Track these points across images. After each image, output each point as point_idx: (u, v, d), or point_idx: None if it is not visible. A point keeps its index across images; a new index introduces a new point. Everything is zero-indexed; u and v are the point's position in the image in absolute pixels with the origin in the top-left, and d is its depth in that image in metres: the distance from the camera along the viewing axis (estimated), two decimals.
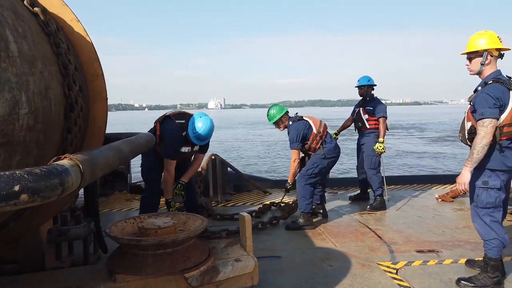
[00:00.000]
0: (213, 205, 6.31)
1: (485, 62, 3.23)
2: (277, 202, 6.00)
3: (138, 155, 2.99)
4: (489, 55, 3.23)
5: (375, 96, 6.25)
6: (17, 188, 1.22)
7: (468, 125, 3.29)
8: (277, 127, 5.43)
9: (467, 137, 3.30)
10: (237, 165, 9.70)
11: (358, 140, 6.40)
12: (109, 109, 2.89)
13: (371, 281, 3.40)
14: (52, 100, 2.09)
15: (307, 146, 5.21)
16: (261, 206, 5.88)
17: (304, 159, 5.44)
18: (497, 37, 3.23)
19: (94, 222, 3.21)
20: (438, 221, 5.26)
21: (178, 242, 2.61)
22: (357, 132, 6.47)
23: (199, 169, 6.88)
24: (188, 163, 4.74)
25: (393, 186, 7.67)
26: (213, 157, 6.86)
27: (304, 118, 5.29)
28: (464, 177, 3.22)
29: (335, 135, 6.36)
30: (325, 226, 5.14)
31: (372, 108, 6.08)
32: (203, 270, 2.61)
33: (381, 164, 6.12)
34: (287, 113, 5.38)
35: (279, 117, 5.30)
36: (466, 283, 3.28)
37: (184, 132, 4.36)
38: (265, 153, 21.95)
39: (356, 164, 6.67)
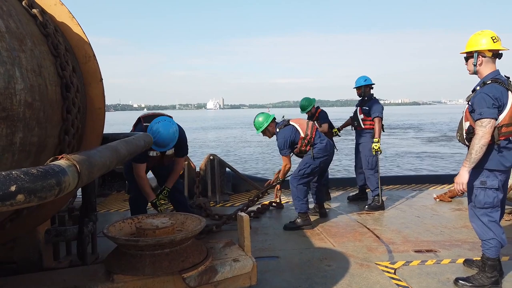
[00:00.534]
0: (211, 205, 6.31)
1: (476, 63, 3.24)
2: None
3: (136, 155, 2.99)
4: (480, 56, 3.23)
5: (373, 96, 6.24)
6: (13, 188, 1.21)
7: (466, 125, 3.29)
8: (264, 135, 5.40)
9: (465, 137, 3.30)
10: (235, 165, 9.70)
11: (356, 140, 6.42)
12: (107, 110, 2.89)
13: (369, 281, 3.40)
14: (47, 79, 2.09)
15: (297, 150, 5.19)
16: (259, 206, 5.88)
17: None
18: (491, 37, 3.20)
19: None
20: (436, 221, 5.27)
21: (176, 243, 2.60)
22: (354, 130, 6.50)
23: (197, 169, 6.89)
24: (170, 168, 4.55)
25: (391, 186, 7.68)
26: (211, 157, 6.86)
27: (291, 123, 5.23)
28: (462, 177, 3.22)
29: (336, 130, 6.46)
30: (323, 226, 5.15)
31: (368, 108, 6.09)
32: (201, 270, 2.61)
33: (378, 164, 6.13)
34: (273, 120, 5.35)
35: (266, 125, 5.27)
36: (464, 282, 3.28)
37: None
38: (263, 153, 21.95)
39: (354, 164, 6.67)
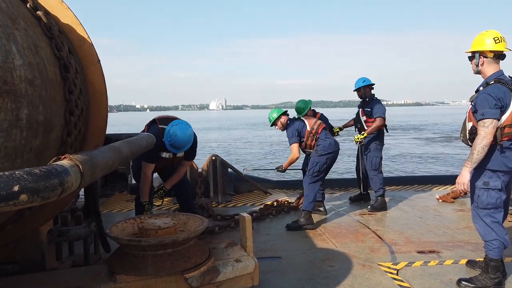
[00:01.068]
0: (213, 205, 6.31)
1: (478, 63, 3.24)
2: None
3: (138, 155, 2.99)
4: (482, 56, 3.22)
5: (375, 97, 6.21)
6: (16, 188, 1.22)
7: (469, 125, 3.28)
8: (277, 128, 5.68)
9: (468, 137, 3.29)
10: (237, 166, 9.70)
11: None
12: (110, 110, 2.89)
13: (372, 282, 3.40)
14: (45, 59, 2.09)
15: (303, 144, 5.45)
16: (262, 206, 5.88)
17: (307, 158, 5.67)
18: (493, 38, 3.18)
19: (96, 222, 3.20)
20: (438, 221, 5.25)
21: (178, 243, 2.60)
22: (357, 133, 6.47)
23: (199, 170, 6.90)
24: (174, 170, 4.68)
25: (394, 186, 7.66)
26: (213, 158, 6.87)
27: (301, 118, 5.67)
28: (464, 177, 3.21)
29: (338, 129, 6.50)
30: (325, 226, 5.14)
31: (370, 109, 6.08)
32: (203, 270, 2.61)
33: (381, 165, 6.12)
34: (285, 113, 5.66)
35: (277, 117, 5.59)
36: (467, 283, 3.27)
37: (163, 138, 4.26)
38: (265, 153, 21.96)
39: (356, 164, 6.67)
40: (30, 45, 1.98)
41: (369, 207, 5.94)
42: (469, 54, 3.34)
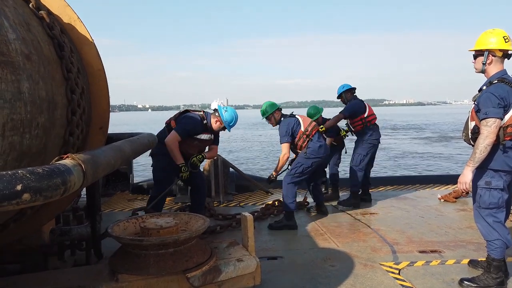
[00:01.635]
0: (215, 205, 6.31)
1: (486, 62, 3.21)
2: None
3: (140, 155, 3.00)
4: (491, 55, 3.20)
5: (355, 99, 6.31)
6: (19, 187, 1.22)
7: (471, 124, 3.27)
8: (269, 122, 5.57)
9: (470, 136, 3.28)
10: (239, 165, 9.70)
11: None
12: (112, 110, 2.89)
13: (374, 282, 3.39)
14: (38, 37, 2.09)
15: (295, 143, 5.31)
16: (263, 206, 5.88)
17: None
18: (503, 37, 3.17)
19: (91, 224, 3.16)
20: (440, 221, 5.25)
21: (180, 242, 2.61)
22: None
23: (201, 170, 6.91)
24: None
25: (396, 186, 7.66)
26: (215, 157, 6.86)
27: (296, 116, 5.47)
28: (466, 176, 3.21)
29: (344, 132, 6.57)
30: (327, 226, 5.14)
31: None
32: (205, 270, 2.61)
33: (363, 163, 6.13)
34: (279, 109, 5.51)
35: (271, 112, 5.44)
36: (469, 283, 3.26)
37: (205, 121, 4.75)
38: (266, 153, 21.95)
39: None
40: (22, 22, 1.97)
41: (337, 202, 6.09)
42: (473, 52, 3.33)
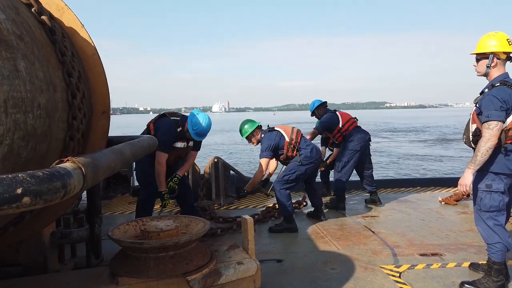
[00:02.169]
0: (215, 208, 6.31)
1: (490, 65, 3.21)
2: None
3: (140, 158, 3.00)
4: (495, 57, 3.20)
5: (327, 112, 6.44)
6: (19, 190, 1.23)
7: (473, 127, 3.27)
8: (249, 142, 5.42)
9: (471, 139, 3.28)
10: (239, 168, 9.71)
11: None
12: (113, 113, 2.89)
13: (374, 285, 3.39)
14: (28, 21, 2.07)
15: (283, 156, 5.24)
16: (263, 209, 5.88)
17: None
18: (506, 39, 3.19)
19: (90, 226, 3.17)
20: (441, 224, 5.24)
21: (180, 245, 2.61)
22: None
23: (201, 172, 6.91)
24: (180, 164, 4.84)
25: (396, 188, 7.66)
26: (215, 160, 6.87)
27: (276, 129, 5.30)
28: (466, 179, 3.21)
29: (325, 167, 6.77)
30: (327, 229, 5.13)
31: None
32: (205, 273, 2.61)
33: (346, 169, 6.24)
34: (259, 127, 5.37)
35: (251, 132, 5.29)
36: (469, 286, 3.26)
37: (180, 128, 4.47)
38: None
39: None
40: (10, 6, 1.96)
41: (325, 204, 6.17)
42: (474, 55, 3.33)
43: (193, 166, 6.84)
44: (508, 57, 3.23)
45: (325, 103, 6.63)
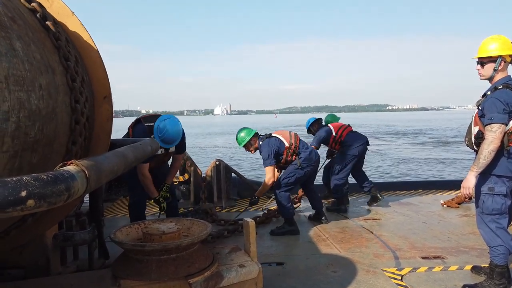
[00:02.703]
0: (217, 210, 6.32)
1: (498, 68, 3.21)
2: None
3: (143, 161, 3.01)
4: (502, 61, 3.20)
5: (320, 127, 6.70)
6: (24, 193, 1.23)
7: (475, 129, 3.28)
8: (247, 150, 5.39)
9: (473, 141, 3.28)
10: (241, 170, 9.71)
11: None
12: (116, 116, 2.88)
13: None
14: (19, 7, 2.07)
15: (283, 160, 5.25)
16: (265, 211, 5.88)
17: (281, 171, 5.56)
18: (510, 42, 3.21)
19: (97, 228, 3.21)
20: (443, 227, 5.23)
21: (182, 248, 2.61)
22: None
23: (203, 175, 6.91)
24: (165, 167, 4.71)
25: (398, 191, 7.65)
26: (217, 162, 6.88)
27: (273, 135, 5.30)
28: (469, 181, 3.20)
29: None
30: (329, 232, 5.13)
31: None
32: (207, 275, 2.61)
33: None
34: (256, 135, 5.36)
35: (248, 140, 5.28)
36: None
37: (153, 135, 4.22)
38: None
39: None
40: None
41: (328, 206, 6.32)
42: (478, 59, 3.32)
43: (195, 168, 6.86)
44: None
45: (319, 119, 6.96)
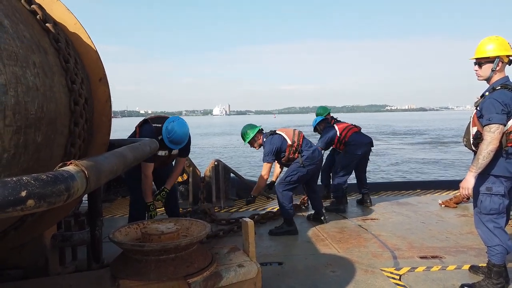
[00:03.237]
0: (216, 210, 6.32)
1: (496, 68, 3.22)
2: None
3: (142, 161, 3.02)
4: (500, 61, 3.22)
5: (327, 126, 6.65)
6: (24, 193, 1.24)
7: (473, 130, 3.29)
8: (251, 146, 5.43)
9: (472, 142, 3.30)
10: (240, 170, 9.72)
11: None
12: (114, 116, 2.88)
13: (374, 287, 3.40)
14: None
15: (285, 158, 5.25)
16: (264, 212, 5.89)
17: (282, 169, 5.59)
18: (507, 43, 3.23)
19: (90, 229, 3.17)
20: (441, 227, 5.25)
21: (181, 248, 2.62)
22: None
23: (202, 175, 6.92)
24: (169, 168, 4.70)
25: (397, 191, 7.67)
26: (216, 163, 6.88)
27: (277, 132, 5.32)
28: (468, 182, 3.22)
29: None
30: (328, 232, 5.14)
31: None
32: (206, 275, 2.61)
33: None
34: (260, 131, 5.39)
35: (252, 136, 5.31)
36: None
37: (160, 136, 4.24)
38: None
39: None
40: None
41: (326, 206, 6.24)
42: (475, 59, 3.33)
43: (194, 169, 6.86)
44: (510, 61, 3.26)
45: (326, 119, 6.86)
